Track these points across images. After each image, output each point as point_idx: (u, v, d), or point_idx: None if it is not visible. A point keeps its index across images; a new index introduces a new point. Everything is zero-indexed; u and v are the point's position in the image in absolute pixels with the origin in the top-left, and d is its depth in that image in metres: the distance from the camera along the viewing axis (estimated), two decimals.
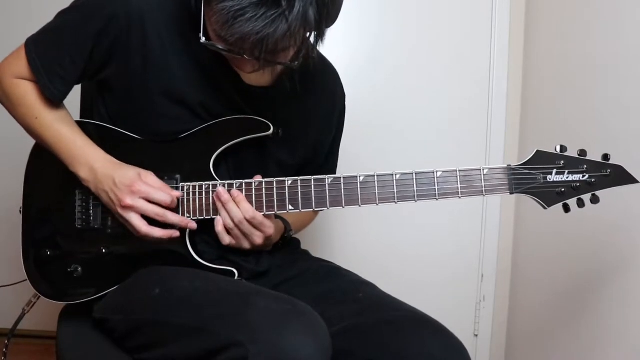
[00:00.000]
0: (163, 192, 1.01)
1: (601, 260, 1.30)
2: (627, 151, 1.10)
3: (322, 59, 1.22)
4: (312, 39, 0.94)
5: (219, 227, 1.02)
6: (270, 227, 1.04)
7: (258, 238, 1.04)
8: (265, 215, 1.03)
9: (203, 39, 0.91)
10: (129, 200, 1.00)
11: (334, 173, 1.29)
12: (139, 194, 1.00)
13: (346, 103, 1.27)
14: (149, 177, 1.03)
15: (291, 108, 1.14)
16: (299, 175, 1.14)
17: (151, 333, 0.95)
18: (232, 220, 1.01)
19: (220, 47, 0.91)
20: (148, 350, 0.95)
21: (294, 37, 0.87)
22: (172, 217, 1.02)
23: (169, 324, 0.92)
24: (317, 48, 0.97)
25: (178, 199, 1.04)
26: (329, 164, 1.28)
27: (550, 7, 1.67)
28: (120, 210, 1.01)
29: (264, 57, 0.88)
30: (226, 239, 1.03)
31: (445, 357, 0.93)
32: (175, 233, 1.03)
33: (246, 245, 1.04)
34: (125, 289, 1.04)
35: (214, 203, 1.03)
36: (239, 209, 1.01)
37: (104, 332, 1.04)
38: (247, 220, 1.01)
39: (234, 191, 1.02)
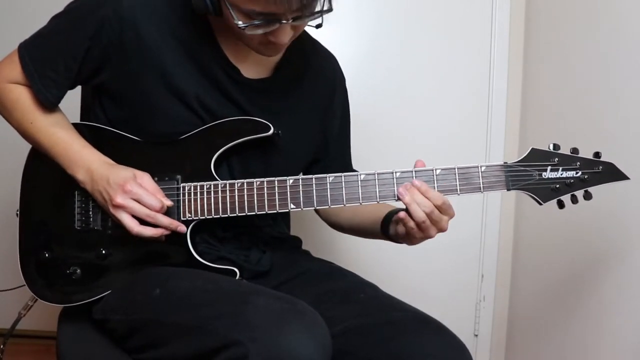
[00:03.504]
0: (154, 197, 1.00)
1: (600, 260, 1.31)
2: (627, 150, 1.11)
3: (319, 45, 1.22)
4: None
5: (411, 224, 1.00)
6: (453, 209, 1.02)
7: (445, 223, 1.01)
8: None
9: (239, 23, 0.91)
10: (119, 199, 0.99)
11: (350, 166, 1.29)
12: (131, 194, 0.99)
13: (347, 89, 1.27)
14: (144, 178, 1.02)
15: (291, 97, 1.14)
16: (309, 168, 1.14)
17: (151, 333, 0.95)
18: (424, 211, 0.98)
19: (257, 22, 0.91)
20: (148, 350, 0.95)
21: None
22: (162, 219, 1.01)
23: (169, 324, 0.92)
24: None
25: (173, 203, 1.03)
26: (343, 156, 1.27)
27: (550, 7, 1.68)
28: (111, 209, 1.01)
29: (296, 9, 0.88)
30: (417, 235, 1.02)
31: (447, 357, 0.93)
32: (165, 231, 1.02)
33: (434, 233, 1.02)
34: (126, 289, 1.03)
35: (215, 203, 1.03)
36: (427, 198, 0.98)
37: (104, 332, 1.04)
38: (437, 207, 0.99)
39: (416, 182, 0.99)
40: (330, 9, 0.94)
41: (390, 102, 1.84)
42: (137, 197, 1.00)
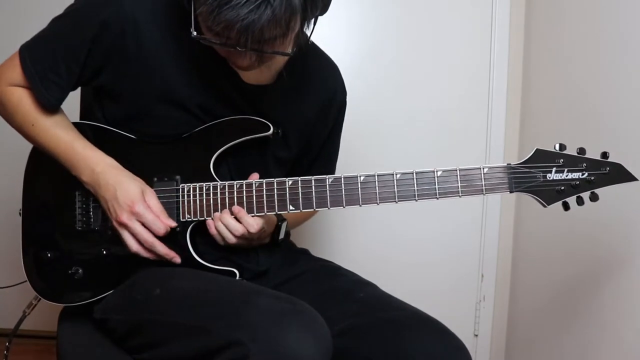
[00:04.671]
0: (159, 221, 1.01)
1: (601, 260, 1.31)
2: (627, 149, 1.11)
3: (323, 55, 1.22)
4: (305, 28, 0.94)
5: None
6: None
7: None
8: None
9: (194, 33, 0.91)
10: (125, 219, 1.00)
11: (333, 168, 1.29)
12: (137, 216, 1.00)
13: (346, 102, 1.26)
14: (152, 199, 1.03)
15: (291, 105, 1.14)
16: (292, 169, 1.12)
17: (152, 333, 0.96)
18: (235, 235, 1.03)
19: (211, 40, 0.91)
20: (148, 350, 0.96)
21: (280, 24, 0.86)
22: (160, 248, 1.02)
23: (169, 324, 0.93)
24: (309, 36, 0.96)
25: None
26: (325, 158, 1.26)
27: (550, 7, 1.68)
28: (115, 224, 1.03)
29: (252, 47, 0.88)
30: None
31: (447, 356, 0.94)
32: (164, 258, 1.03)
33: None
34: (126, 289, 1.04)
35: (214, 204, 1.03)
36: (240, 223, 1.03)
37: (104, 332, 1.05)
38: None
39: (235, 208, 1.03)
40: (290, 54, 0.94)
41: (389, 102, 1.84)
42: (142, 221, 1.01)
